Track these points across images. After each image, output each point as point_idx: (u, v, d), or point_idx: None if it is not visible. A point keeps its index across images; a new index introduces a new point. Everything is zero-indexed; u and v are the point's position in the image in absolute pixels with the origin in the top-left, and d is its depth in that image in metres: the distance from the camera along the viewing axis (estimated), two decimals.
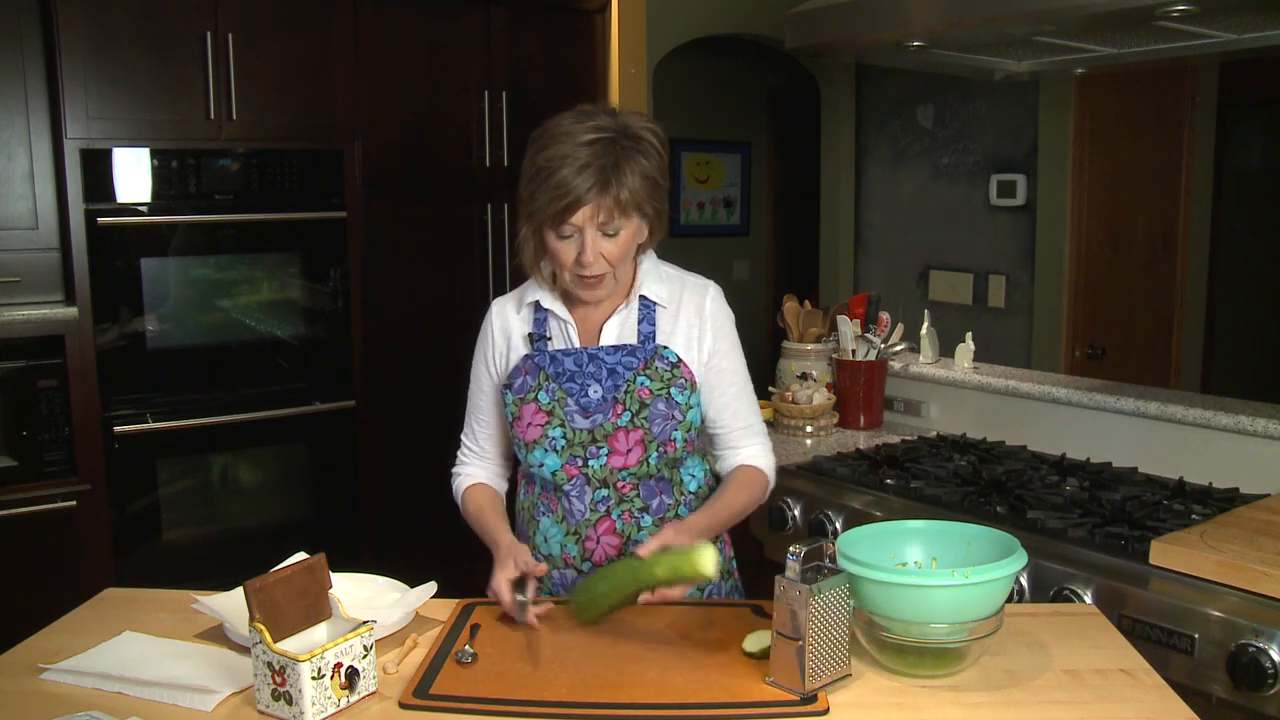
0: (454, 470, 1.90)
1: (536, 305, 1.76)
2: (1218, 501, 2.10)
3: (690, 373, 1.71)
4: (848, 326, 2.89)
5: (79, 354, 2.95)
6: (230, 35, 3.08)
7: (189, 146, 3.08)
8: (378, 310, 3.44)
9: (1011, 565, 1.37)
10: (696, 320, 1.73)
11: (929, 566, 1.50)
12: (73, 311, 2.95)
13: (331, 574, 1.42)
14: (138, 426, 3.05)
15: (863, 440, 2.76)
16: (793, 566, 1.33)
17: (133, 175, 3.03)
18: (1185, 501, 2.11)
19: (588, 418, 1.68)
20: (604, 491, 1.70)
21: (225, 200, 3.16)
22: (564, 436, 1.68)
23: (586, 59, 3.81)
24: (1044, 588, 1.86)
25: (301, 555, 1.46)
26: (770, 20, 4.30)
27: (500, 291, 3.60)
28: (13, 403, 2.88)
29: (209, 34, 3.05)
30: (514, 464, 1.86)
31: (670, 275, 1.77)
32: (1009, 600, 1.47)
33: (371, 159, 3.37)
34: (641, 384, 1.68)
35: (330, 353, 3.39)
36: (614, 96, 3.85)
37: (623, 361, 1.69)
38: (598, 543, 1.71)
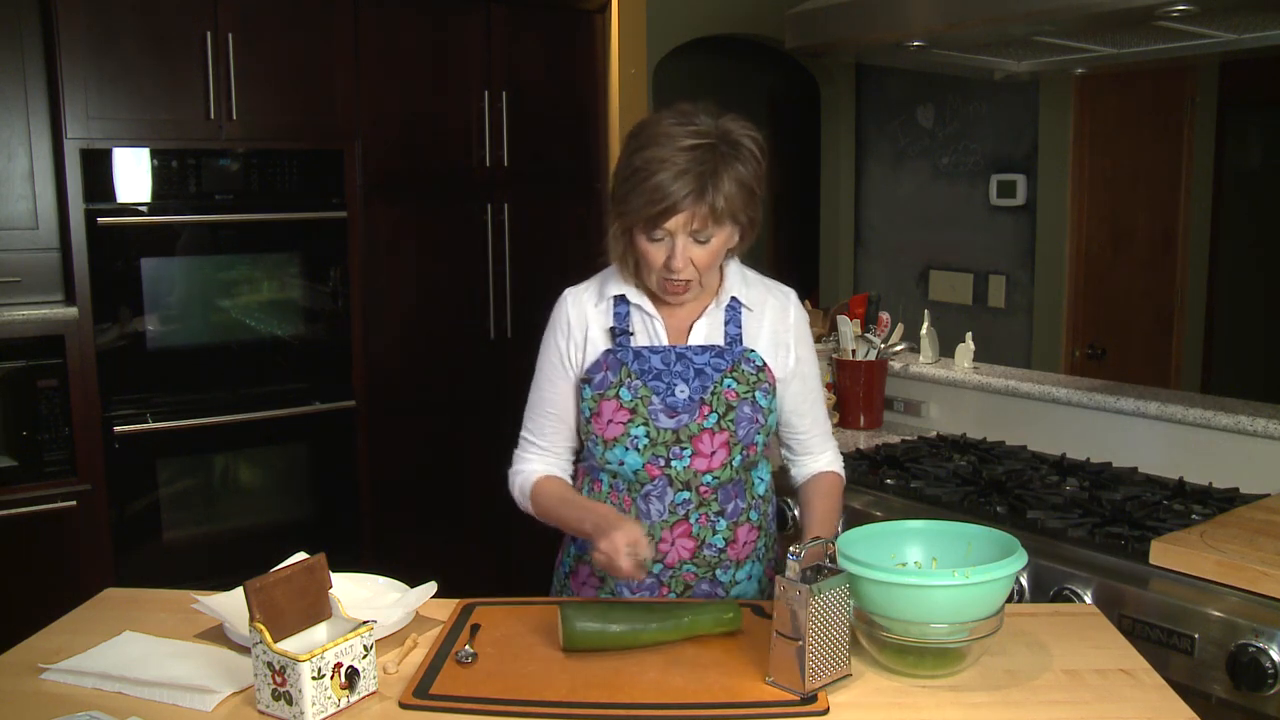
0: (514, 469, 1.80)
1: (618, 299, 1.72)
2: (1218, 501, 2.10)
3: (773, 377, 1.71)
4: (848, 326, 2.89)
5: (79, 354, 2.95)
6: (230, 35, 3.08)
7: (189, 146, 3.08)
8: (378, 310, 3.44)
9: (1011, 565, 1.37)
10: (782, 327, 1.75)
11: (929, 566, 1.50)
12: (73, 311, 2.95)
13: (331, 574, 1.42)
14: (138, 426, 3.05)
15: (863, 440, 2.76)
16: (793, 566, 1.33)
17: (133, 175, 3.03)
18: (1185, 501, 2.11)
19: (673, 418, 1.66)
20: (685, 494, 1.68)
21: (225, 200, 3.16)
22: (647, 435, 1.66)
23: (586, 59, 3.81)
24: (1044, 588, 1.87)
25: (301, 555, 1.45)
26: (770, 20, 4.30)
27: (500, 291, 3.61)
28: (13, 403, 2.88)
29: (209, 34, 3.05)
30: (576, 460, 1.83)
31: (754, 279, 1.78)
32: (1009, 600, 1.47)
33: (371, 159, 3.37)
34: (729, 386, 1.67)
35: (330, 353, 3.39)
36: (614, 96, 3.85)
37: (711, 363, 1.68)
38: (672, 544, 1.69)
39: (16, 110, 2.95)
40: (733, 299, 1.72)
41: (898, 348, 2.91)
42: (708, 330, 1.71)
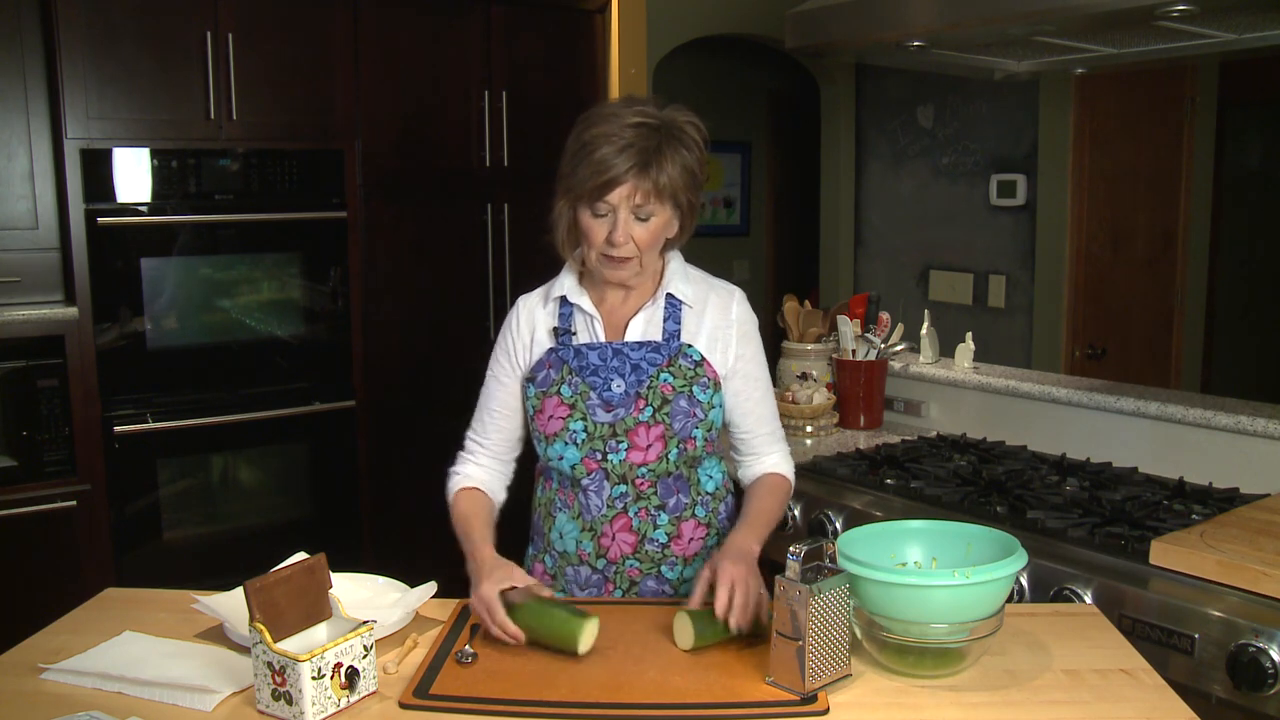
0: (453, 469, 1.86)
1: (562, 300, 1.76)
2: (1218, 501, 2.10)
3: (714, 372, 1.72)
4: (848, 326, 2.89)
5: (79, 354, 2.95)
6: (230, 35, 3.09)
7: (189, 146, 3.08)
8: (378, 310, 3.44)
9: (1011, 565, 1.37)
10: (723, 323, 1.74)
11: (929, 566, 1.50)
12: (73, 311, 2.95)
13: (331, 574, 1.42)
14: (138, 426, 3.05)
15: (863, 440, 2.76)
16: (793, 566, 1.34)
17: (133, 175, 3.03)
18: (1185, 501, 2.11)
19: (609, 412, 1.68)
20: (622, 487, 1.70)
21: (225, 200, 3.16)
22: (585, 430, 1.69)
23: (586, 59, 3.81)
24: (1044, 588, 1.86)
25: (301, 555, 1.46)
26: (770, 20, 4.30)
27: (500, 291, 3.61)
28: (13, 403, 2.88)
29: (209, 34, 3.05)
30: (517, 465, 1.86)
31: (696, 277, 1.78)
32: (1009, 600, 1.47)
33: (371, 159, 3.37)
34: (664, 380, 1.69)
35: (330, 353, 3.39)
36: (614, 97, 3.85)
37: (646, 357, 1.70)
38: (613, 539, 1.72)
39: (16, 110, 2.95)
40: (669, 295, 1.73)
41: (898, 348, 2.91)
42: (645, 326, 1.73)
